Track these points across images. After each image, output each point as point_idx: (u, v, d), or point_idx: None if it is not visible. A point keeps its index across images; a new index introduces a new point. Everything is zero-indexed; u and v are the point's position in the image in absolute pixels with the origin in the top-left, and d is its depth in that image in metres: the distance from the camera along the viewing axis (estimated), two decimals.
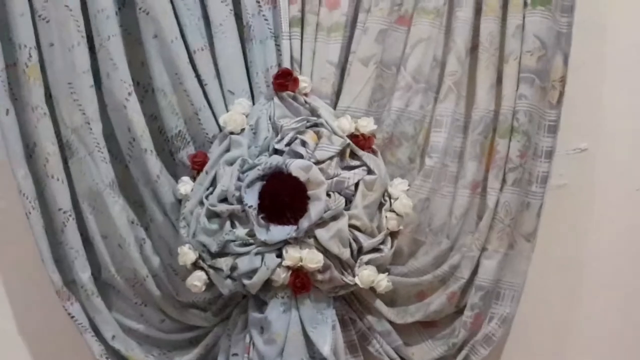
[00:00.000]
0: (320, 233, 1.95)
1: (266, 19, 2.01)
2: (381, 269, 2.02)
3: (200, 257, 2.00)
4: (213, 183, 1.98)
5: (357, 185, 1.98)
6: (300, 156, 1.94)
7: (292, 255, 1.94)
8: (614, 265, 2.21)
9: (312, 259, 1.94)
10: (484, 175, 2.06)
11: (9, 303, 2.24)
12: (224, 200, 1.96)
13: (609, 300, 2.22)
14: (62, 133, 2.02)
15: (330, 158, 1.96)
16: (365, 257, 2.00)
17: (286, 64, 2.01)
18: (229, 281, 1.97)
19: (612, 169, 2.18)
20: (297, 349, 1.98)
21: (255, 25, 2.00)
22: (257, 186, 1.95)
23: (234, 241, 1.96)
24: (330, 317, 2.01)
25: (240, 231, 1.96)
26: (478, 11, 2.02)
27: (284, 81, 1.99)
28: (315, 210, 1.93)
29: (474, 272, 2.05)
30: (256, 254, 1.96)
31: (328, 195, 1.95)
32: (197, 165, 2.01)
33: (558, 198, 2.13)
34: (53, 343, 2.24)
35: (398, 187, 2.02)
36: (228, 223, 1.97)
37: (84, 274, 2.05)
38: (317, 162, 1.95)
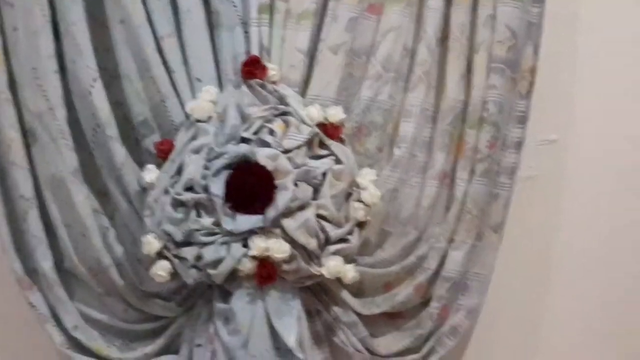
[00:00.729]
0: (287, 223, 1.95)
1: (234, 5, 2.00)
2: (348, 259, 2.02)
3: (164, 246, 1.99)
4: (179, 171, 1.98)
5: (324, 174, 1.98)
6: (268, 145, 1.95)
7: (258, 245, 1.94)
8: (582, 257, 2.24)
9: (278, 249, 1.94)
10: (453, 166, 2.06)
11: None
12: (189, 189, 1.96)
13: (577, 293, 2.24)
14: (25, 119, 2.02)
15: (298, 147, 1.96)
16: (332, 248, 2.00)
17: (255, 52, 2.00)
18: (193, 271, 1.97)
19: (581, 161, 2.20)
20: (262, 340, 1.99)
21: (223, 11, 2.00)
22: (224, 175, 1.95)
23: (199, 230, 1.96)
24: (296, 308, 2.02)
25: (206, 220, 1.96)
26: (449, 0, 2.03)
27: (253, 69, 1.99)
28: (282, 199, 1.93)
29: (441, 263, 2.06)
30: (222, 243, 1.96)
31: (295, 184, 1.95)
32: (163, 153, 2.00)
33: (527, 190, 2.15)
34: (14, 333, 2.24)
35: (366, 177, 2.02)
36: (194, 212, 1.97)
37: (46, 263, 2.05)
38: (285, 151, 1.95)
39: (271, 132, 1.96)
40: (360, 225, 2.03)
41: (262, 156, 1.93)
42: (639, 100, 2.22)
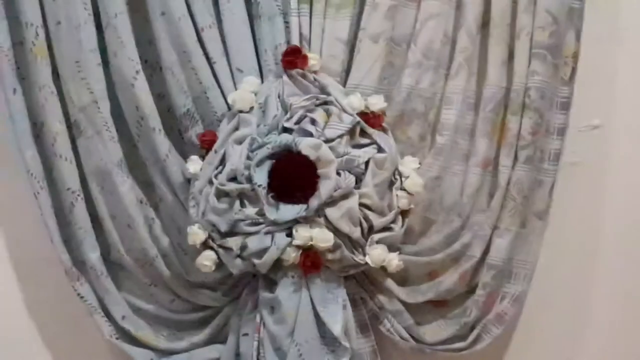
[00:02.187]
0: (330, 212, 1.94)
1: None
2: (392, 248, 2.01)
3: (209, 236, 1.99)
4: (222, 162, 1.98)
5: (367, 163, 1.97)
6: (310, 134, 1.94)
7: (302, 234, 1.94)
8: (627, 244, 2.22)
9: (322, 238, 1.94)
10: (496, 153, 2.05)
11: (18, 285, 2.24)
12: (233, 179, 1.96)
13: (623, 281, 2.23)
14: (70, 112, 2.01)
15: (340, 136, 1.95)
16: (376, 236, 1.99)
17: (295, 41, 2.00)
18: (238, 261, 1.97)
19: (625, 146, 2.18)
20: (308, 328, 1.99)
21: (263, 1, 2.00)
22: (267, 165, 1.95)
23: (243, 220, 1.95)
24: (341, 297, 2.02)
25: (250, 210, 1.96)
26: None
27: (293, 59, 1.98)
28: (325, 189, 1.92)
29: (486, 250, 2.05)
30: (266, 233, 1.96)
31: (338, 173, 1.94)
32: (206, 144, 2.01)
33: (571, 176, 2.13)
34: (64, 324, 2.23)
35: (409, 165, 2.02)
36: (237, 202, 1.96)
37: (93, 254, 2.05)
38: (327, 141, 1.94)
39: (313, 122, 1.95)
40: (404, 213, 2.03)
41: (305, 146, 1.92)
42: None
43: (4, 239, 2.23)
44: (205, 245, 2.00)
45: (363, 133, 1.99)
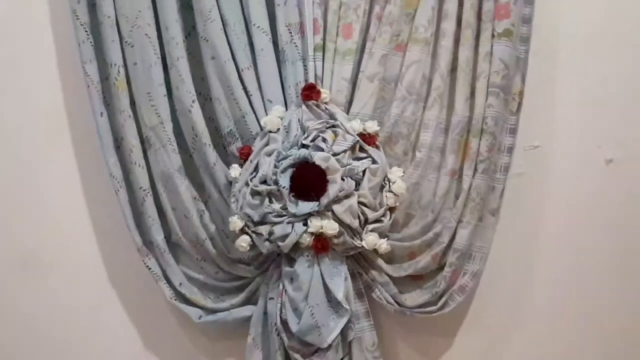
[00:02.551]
0: (336, 208, 2.03)
1: (296, 46, 2.07)
2: (382, 235, 2.09)
3: (245, 224, 2.07)
4: (256, 169, 2.05)
5: (364, 172, 2.06)
6: (322, 149, 2.02)
7: (315, 224, 2.02)
8: (560, 235, 2.26)
9: (330, 227, 2.02)
10: (460, 165, 2.10)
11: (103, 261, 2.30)
12: (263, 182, 2.04)
13: (556, 263, 2.27)
14: (143, 130, 2.09)
15: (344, 151, 2.04)
16: (370, 226, 2.08)
17: (311, 80, 2.07)
18: (267, 243, 2.06)
19: (558, 162, 2.23)
20: (318, 294, 2.07)
21: (288, 50, 2.07)
22: (289, 172, 2.03)
23: (271, 213, 2.04)
24: (343, 271, 2.09)
25: (276, 206, 2.04)
26: (457, 41, 2.07)
27: (310, 93, 2.06)
28: (332, 190, 2.01)
29: (452, 238, 2.10)
30: (288, 222, 2.04)
31: (342, 179, 2.03)
32: (244, 155, 2.08)
33: (517, 183, 2.19)
34: (137, 289, 2.29)
35: (395, 173, 2.09)
36: (267, 199, 2.05)
37: (159, 237, 2.13)
38: (334, 154, 2.03)
39: (324, 140, 2.03)
40: (391, 209, 2.10)
41: (318, 158, 2.00)
42: (603, 117, 2.23)
43: (92, 226, 2.29)
44: (242, 231, 2.07)
45: (361, 149, 2.07)
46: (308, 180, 2.06)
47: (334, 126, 2.07)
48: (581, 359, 2.33)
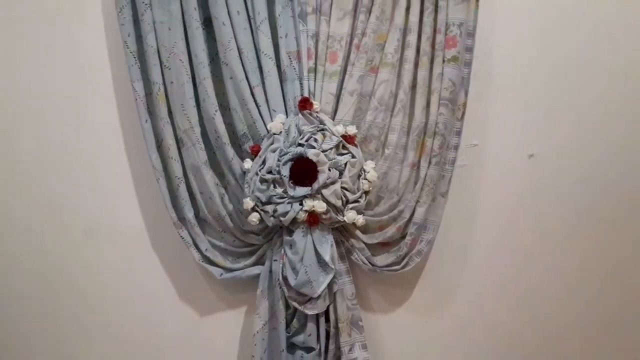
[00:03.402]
0: (324, 191, 2.04)
1: (294, 68, 2.07)
2: (359, 212, 2.11)
3: (255, 204, 2.07)
4: (263, 162, 2.06)
5: (346, 164, 2.06)
6: (314, 147, 2.03)
7: (308, 204, 2.04)
8: (493, 211, 2.26)
9: (319, 206, 2.04)
10: (418, 159, 2.11)
11: (148, 233, 2.27)
12: (269, 172, 2.04)
13: (491, 231, 2.27)
14: (177, 133, 2.09)
15: (330, 149, 2.04)
16: (350, 205, 2.08)
17: (306, 94, 2.08)
18: (272, 218, 2.07)
19: (491, 156, 2.23)
20: (311, 257, 2.08)
21: (288, 72, 2.07)
22: (289, 164, 2.04)
23: (275, 196, 2.04)
24: (330, 239, 2.10)
25: (279, 190, 2.05)
26: (416, 65, 2.08)
27: (304, 104, 2.06)
28: (322, 178, 2.03)
29: (412, 214, 2.12)
30: (288, 203, 2.05)
31: (329, 170, 2.04)
32: (254, 152, 2.08)
33: (460, 173, 2.20)
34: (174, 254, 2.26)
35: (369, 165, 2.10)
36: (272, 185, 2.05)
37: (189, 214, 2.13)
38: (323, 151, 2.04)
39: (315, 140, 2.04)
40: (366, 193, 2.11)
41: (311, 154, 2.02)
42: (526, 122, 2.19)
43: (139, 206, 2.26)
44: (253, 209, 2.08)
45: (343, 147, 2.07)
46: (303, 171, 2.06)
47: (323, 129, 2.08)
48: (509, 304, 2.32)
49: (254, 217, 2.11)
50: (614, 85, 2.21)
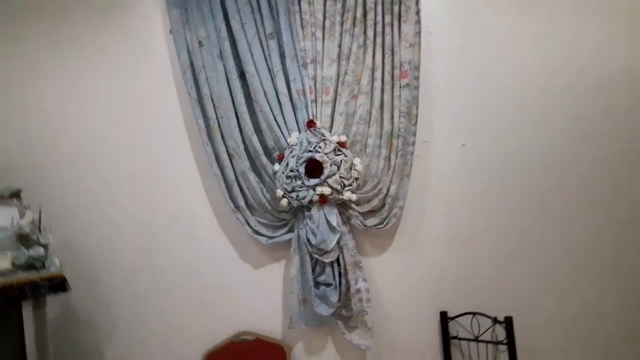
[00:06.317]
0: (329, 180, 2.22)
1: (302, 100, 2.26)
2: (353, 192, 2.27)
3: (284, 193, 2.26)
4: (287, 164, 2.24)
5: (341, 161, 2.20)
6: (319, 152, 2.21)
7: (319, 190, 2.23)
8: (437, 185, 2.29)
9: (326, 191, 2.23)
10: (389, 154, 2.26)
11: (216, 219, 2.31)
12: (291, 171, 2.23)
13: (439, 200, 2.31)
14: (229, 150, 2.29)
15: (330, 152, 2.21)
16: (346, 188, 2.26)
17: (311, 117, 2.26)
18: (296, 201, 2.27)
19: (436, 148, 2.30)
20: (324, 224, 2.23)
21: (298, 103, 2.29)
22: (304, 164, 2.23)
23: (296, 186, 2.23)
24: (335, 212, 2.27)
25: (298, 182, 2.25)
26: (382, 91, 2.26)
27: (311, 124, 2.26)
28: (326, 172, 2.22)
29: (387, 191, 2.29)
30: (305, 190, 2.23)
31: (330, 166, 2.19)
32: (280, 158, 2.28)
33: (417, 161, 2.30)
34: (233, 230, 2.32)
35: (356, 161, 2.28)
36: (293, 179, 2.24)
37: (241, 203, 2.33)
38: (325, 154, 2.22)
39: (320, 147, 2.23)
40: (356, 179, 2.27)
41: (318, 156, 2.21)
42: (459, 122, 2.26)
43: (207, 199, 2.33)
44: (282, 197, 2.27)
45: (339, 150, 2.24)
46: (313, 168, 2.22)
47: (324, 140, 2.28)
48: (451, 247, 2.33)
49: (284, 202, 2.32)
50: (517, 93, 2.31)
